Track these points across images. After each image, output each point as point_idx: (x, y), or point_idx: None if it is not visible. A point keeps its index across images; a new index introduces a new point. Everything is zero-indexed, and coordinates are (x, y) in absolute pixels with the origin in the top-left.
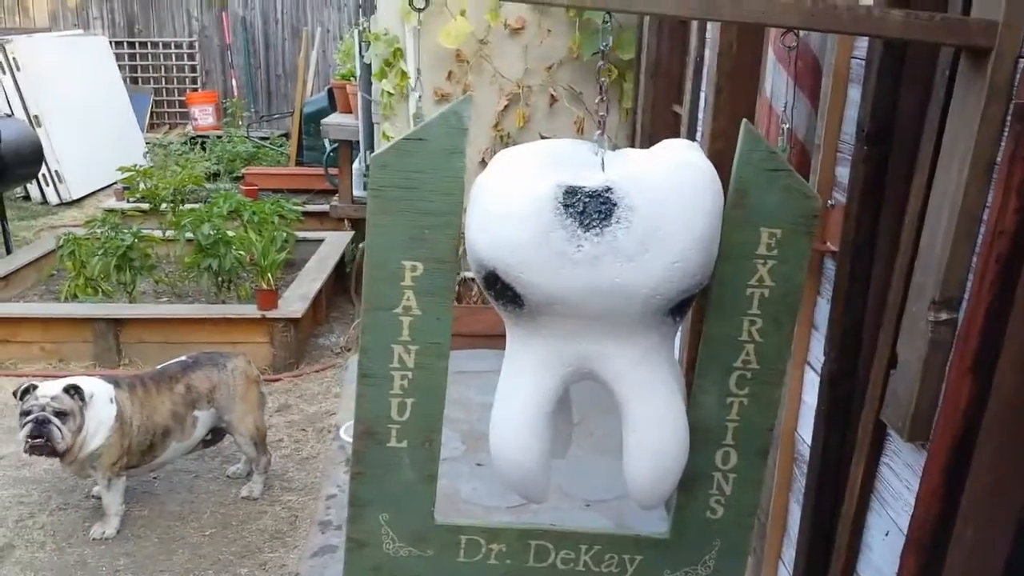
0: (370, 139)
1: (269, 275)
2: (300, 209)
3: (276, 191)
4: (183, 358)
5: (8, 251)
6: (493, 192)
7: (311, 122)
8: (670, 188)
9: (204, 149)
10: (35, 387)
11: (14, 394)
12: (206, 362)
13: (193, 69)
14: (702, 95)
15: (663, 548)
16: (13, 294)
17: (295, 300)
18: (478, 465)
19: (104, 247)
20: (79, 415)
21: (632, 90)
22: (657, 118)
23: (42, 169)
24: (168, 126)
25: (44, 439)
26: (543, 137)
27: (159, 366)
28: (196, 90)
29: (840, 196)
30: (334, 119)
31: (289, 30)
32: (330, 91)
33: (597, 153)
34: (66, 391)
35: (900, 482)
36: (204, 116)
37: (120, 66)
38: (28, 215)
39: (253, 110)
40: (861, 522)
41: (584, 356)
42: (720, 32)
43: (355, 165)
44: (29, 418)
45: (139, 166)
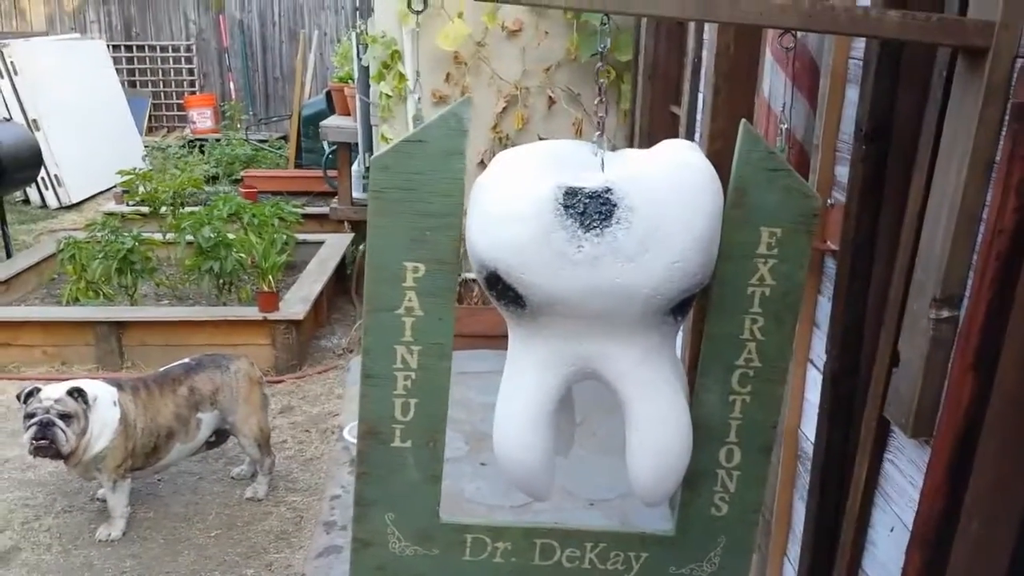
0: (369, 141)
1: (270, 277)
2: (300, 211)
3: (275, 193)
4: (186, 360)
5: (8, 255)
6: (494, 193)
7: (309, 124)
8: (670, 188)
9: (203, 152)
10: (39, 390)
11: (18, 397)
12: (209, 364)
13: (191, 72)
14: (700, 96)
15: (668, 545)
16: (14, 298)
17: (296, 302)
18: (481, 465)
19: (104, 250)
20: (83, 418)
21: (630, 91)
22: (655, 119)
23: (41, 173)
24: (166, 129)
25: (48, 441)
26: (541, 139)
27: (162, 368)
28: (194, 93)
29: (839, 195)
30: (332, 121)
31: (286, 33)
32: (328, 94)
33: (597, 154)
34: (70, 394)
35: (904, 478)
36: (202, 119)
37: (118, 69)
38: (28, 219)
39: (251, 113)
40: (866, 518)
41: (586, 356)
42: (718, 33)
43: (354, 167)
44: (33, 421)
45: (138, 169)
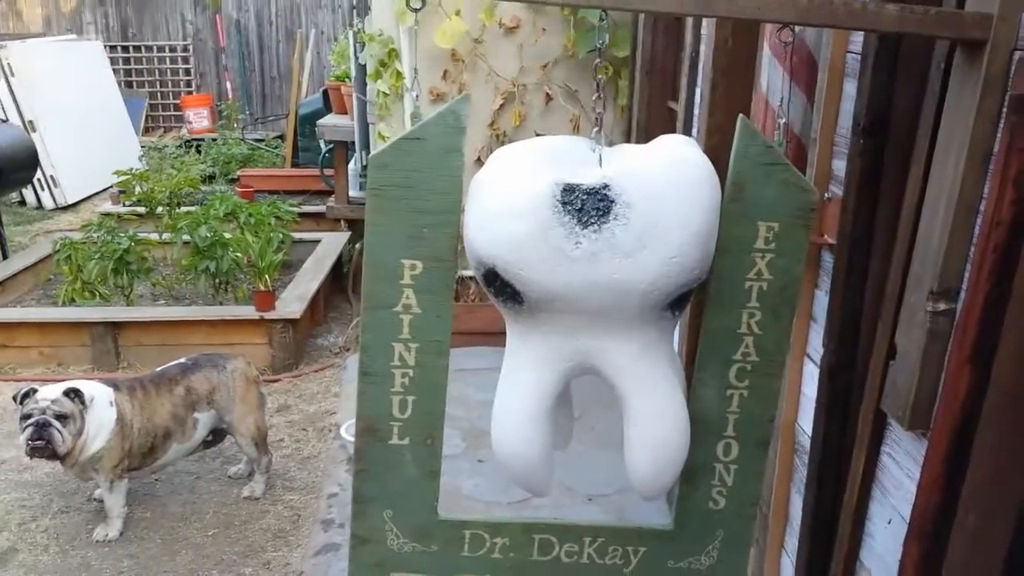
0: (365, 140)
1: (266, 276)
2: (296, 210)
3: (272, 193)
4: (182, 360)
5: (4, 256)
6: (491, 190)
7: (306, 123)
8: (667, 184)
9: (199, 152)
10: (35, 391)
11: (14, 398)
12: (205, 364)
13: (187, 72)
14: (697, 91)
15: (666, 539)
16: (10, 299)
17: (293, 301)
18: (479, 461)
19: (101, 251)
20: (79, 418)
21: (628, 87)
22: (653, 115)
23: (37, 174)
24: (163, 129)
25: (45, 442)
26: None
27: (158, 368)
28: (191, 93)
29: (837, 189)
30: (329, 120)
31: (283, 32)
32: (325, 92)
33: (594, 150)
34: (66, 394)
35: (901, 471)
36: (199, 119)
37: (114, 70)
38: (24, 220)
39: (248, 112)
40: (863, 511)
41: (584, 351)
42: (715, 28)
43: (351, 166)
44: (30, 421)
45: (135, 170)
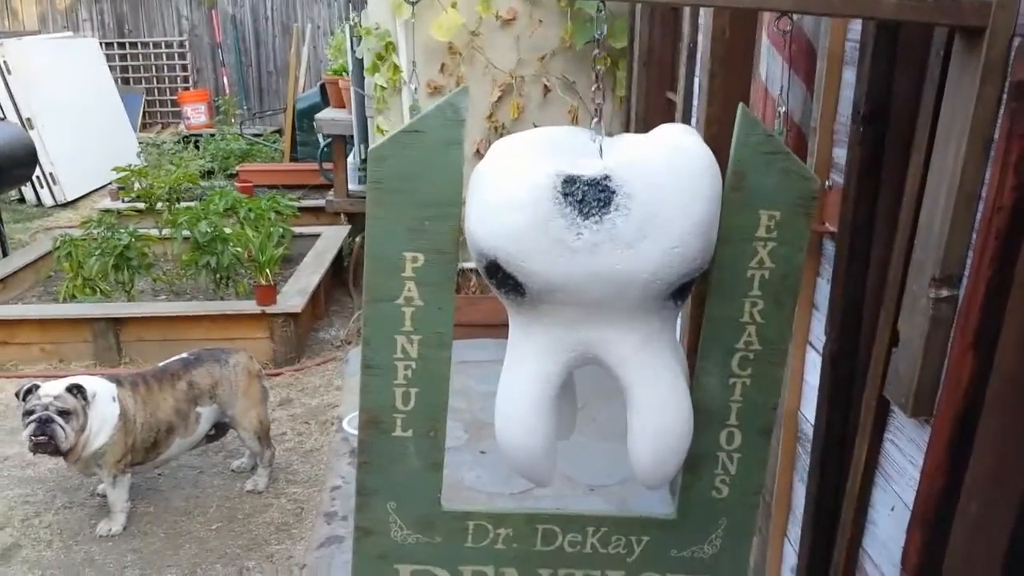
0: (364, 133)
1: (267, 271)
2: (296, 205)
3: (271, 187)
4: (184, 355)
5: (4, 254)
6: (492, 182)
7: (304, 118)
8: (668, 174)
9: (197, 147)
10: (37, 387)
11: (17, 395)
12: (207, 358)
13: (184, 68)
14: (696, 81)
15: (669, 528)
16: (11, 296)
17: (294, 295)
18: (481, 453)
19: (101, 247)
20: (82, 414)
21: (626, 78)
22: (651, 105)
23: (36, 171)
24: (161, 125)
25: (48, 438)
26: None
27: (160, 363)
28: (188, 89)
29: (837, 177)
30: (327, 114)
31: (279, 27)
32: (322, 86)
33: (594, 140)
34: (69, 390)
35: (904, 458)
36: (196, 115)
37: (111, 67)
38: (23, 217)
39: (245, 107)
40: (866, 498)
41: (586, 342)
42: (713, 18)
43: (349, 159)
44: (32, 417)
45: (133, 166)
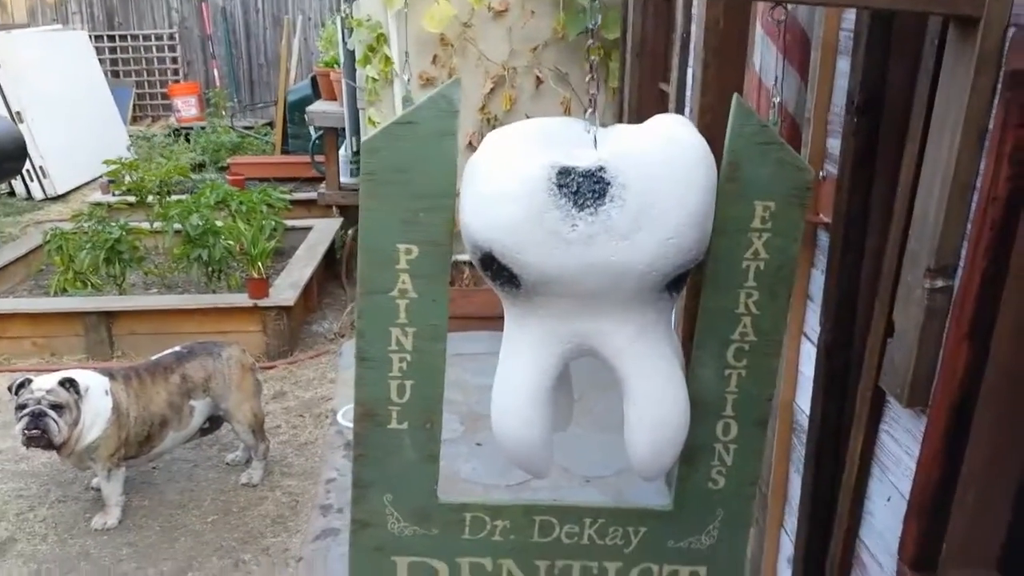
0: (355, 125)
1: (259, 264)
2: (288, 197)
3: (263, 180)
4: (177, 348)
5: None
6: (486, 173)
7: (295, 110)
8: (663, 164)
9: (188, 140)
10: (30, 381)
11: (9, 389)
12: (201, 352)
13: (174, 61)
14: (689, 72)
15: (666, 519)
16: (2, 290)
17: (286, 288)
18: (477, 445)
19: (92, 240)
20: (75, 408)
21: (618, 69)
22: (644, 96)
23: (26, 165)
24: (151, 118)
25: (41, 432)
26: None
27: (153, 357)
28: (178, 82)
29: (832, 168)
30: (319, 106)
31: (270, 19)
32: (313, 79)
33: (589, 131)
34: (61, 384)
35: (900, 448)
36: (187, 107)
37: (101, 60)
38: (13, 211)
39: (236, 100)
40: (862, 489)
41: (582, 333)
42: (706, 8)
43: (341, 152)
44: (25, 411)
45: (124, 159)
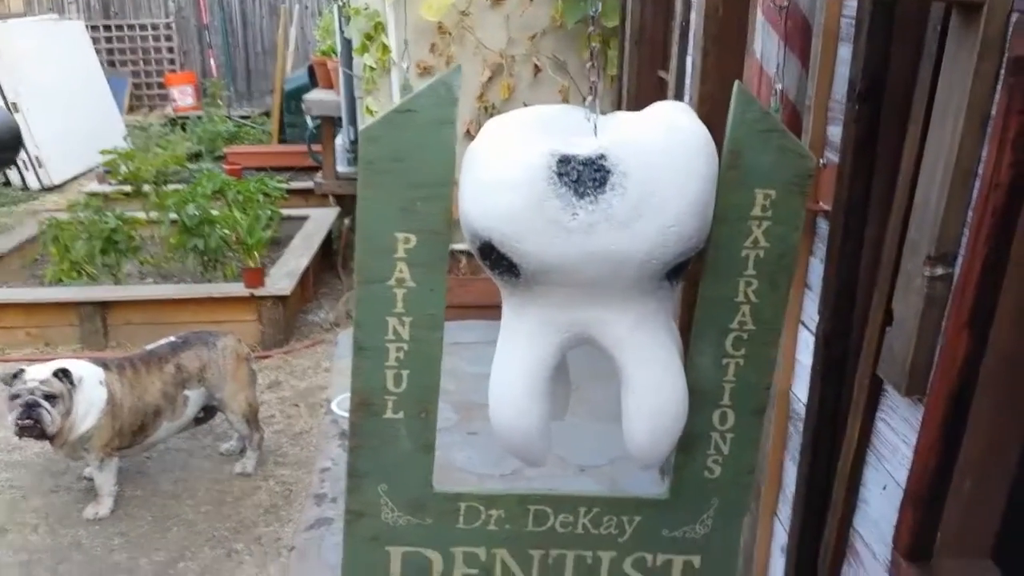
0: (352, 114)
1: (255, 253)
2: (284, 186)
3: (259, 169)
4: (172, 338)
5: None
6: (485, 161)
7: (292, 99)
8: (664, 152)
9: (185, 130)
10: (23, 371)
11: (2, 379)
12: (195, 341)
13: (171, 50)
14: (688, 60)
15: (661, 508)
16: None
17: (282, 277)
18: (471, 434)
19: (88, 230)
20: (68, 398)
21: (617, 57)
22: (643, 84)
23: (22, 155)
24: (148, 108)
25: (34, 422)
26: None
27: (148, 347)
28: (174, 71)
29: (832, 155)
30: (316, 95)
31: (267, 7)
32: (310, 67)
33: (589, 119)
34: (55, 374)
35: (897, 436)
36: (183, 97)
37: (97, 49)
38: (9, 201)
39: (233, 89)
40: (858, 477)
41: (581, 322)
42: None
43: (338, 141)
44: (18, 401)
45: (120, 149)
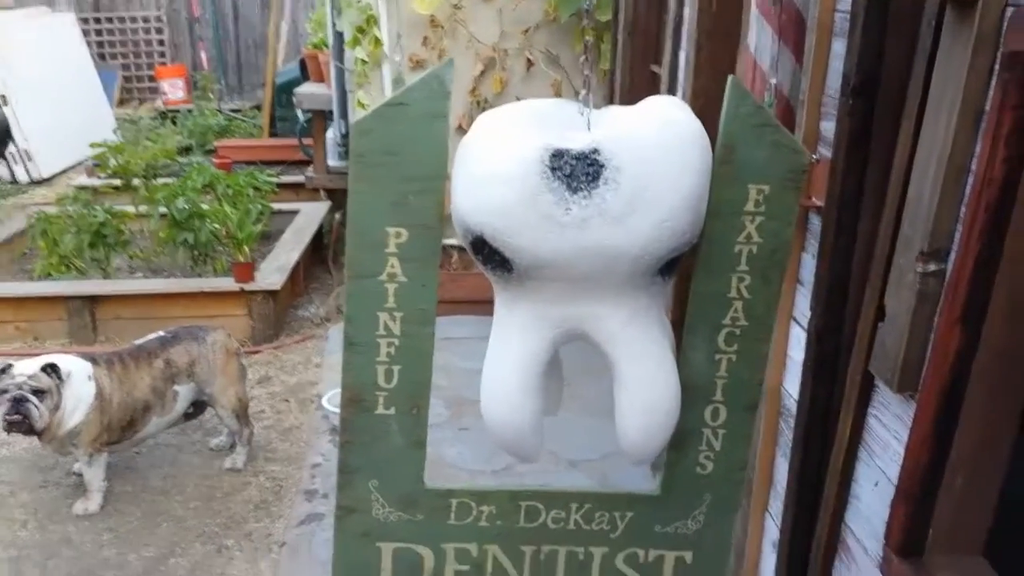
0: (344, 108)
1: (245, 248)
2: (275, 181)
3: (250, 163)
4: (161, 333)
5: None
6: (479, 155)
7: (283, 93)
8: (657, 147)
9: (175, 123)
10: (11, 366)
11: None
12: (185, 336)
13: (161, 43)
14: (681, 54)
15: (653, 504)
16: None
17: (272, 272)
18: (462, 430)
19: (77, 224)
20: (56, 393)
21: (610, 51)
22: (636, 79)
23: (10, 148)
24: (138, 101)
25: (22, 417)
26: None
27: (137, 342)
28: (165, 64)
29: (825, 151)
30: (307, 89)
31: (258, 0)
32: (302, 61)
33: (583, 113)
34: (43, 369)
35: (888, 433)
36: (174, 90)
37: (87, 42)
38: None
39: (224, 83)
40: (849, 473)
41: (574, 318)
42: None
43: (329, 135)
44: (6, 397)
45: (110, 142)
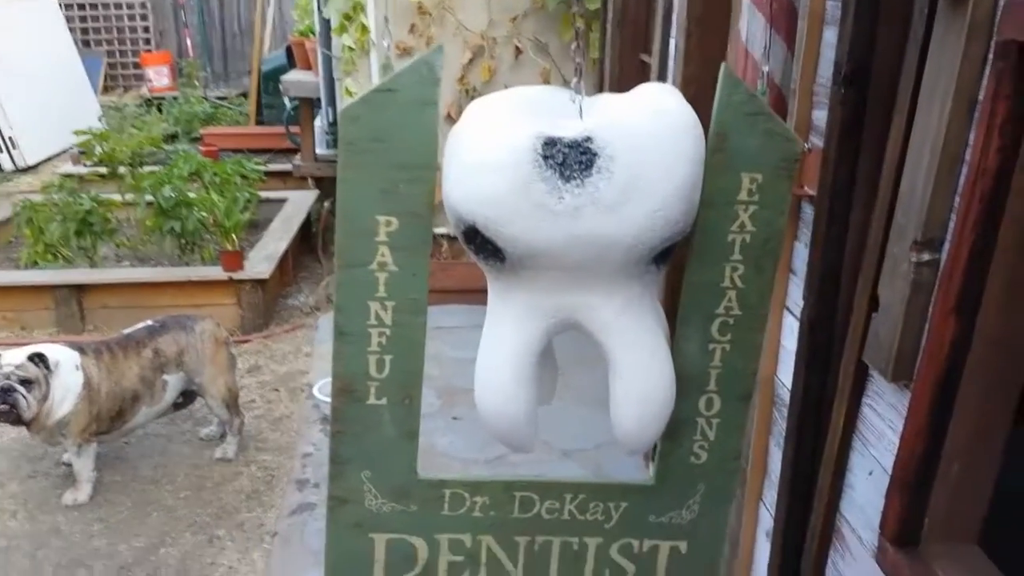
0: (331, 95)
1: (233, 236)
2: (262, 168)
3: (236, 151)
4: (150, 322)
5: None
6: (470, 144)
7: (270, 80)
8: (650, 135)
9: (160, 111)
10: None
11: None
12: (173, 326)
13: (146, 30)
14: (671, 42)
15: (648, 494)
16: None
17: (261, 261)
18: (454, 419)
19: (63, 212)
20: (44, 383)
21: (599, 39)
22: (625, 67)
23: None
24: (123, 88)
25: (9, 407)
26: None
27: (125, 331)
28: (150, 51)
29: (817, 140)
30: (294, 76)
31: None
32: (288, 48)
33: (575, 100)
34: (31, 359)
35: (883, 422)
36: (159, 77)
37: (71, 28)
38: None
39: (209, 70)
40: (843, 462)
41: (567, 307)
42: None
43: (317, 122)
44: None
45: (95, 129)
